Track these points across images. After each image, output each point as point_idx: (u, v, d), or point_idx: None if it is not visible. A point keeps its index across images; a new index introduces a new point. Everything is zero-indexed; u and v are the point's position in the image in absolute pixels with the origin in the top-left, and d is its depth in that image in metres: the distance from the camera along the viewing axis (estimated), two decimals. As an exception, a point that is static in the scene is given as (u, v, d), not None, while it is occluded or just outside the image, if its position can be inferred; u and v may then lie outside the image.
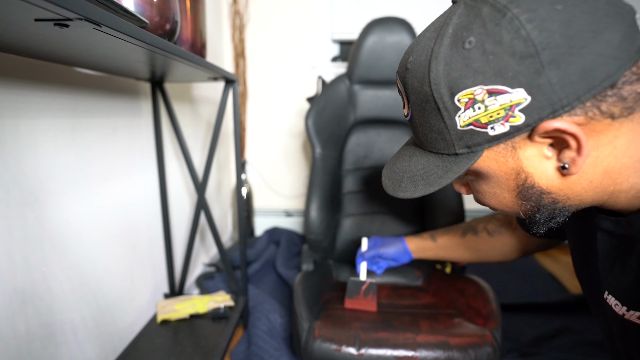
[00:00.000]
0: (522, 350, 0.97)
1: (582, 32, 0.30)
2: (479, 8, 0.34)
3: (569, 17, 0.31)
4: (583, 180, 0.36)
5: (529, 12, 0.31)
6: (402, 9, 1.70)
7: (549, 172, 0.37)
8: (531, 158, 0.36)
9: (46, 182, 0.63)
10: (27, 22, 0.33)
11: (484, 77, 0.33)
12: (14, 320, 0.56)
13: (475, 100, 0.34)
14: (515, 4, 0.32)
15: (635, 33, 0.32)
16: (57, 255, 0.65)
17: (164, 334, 0.89)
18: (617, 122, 0.33)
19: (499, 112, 0.34)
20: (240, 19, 1.69)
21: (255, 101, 1.81)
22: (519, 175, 0.38)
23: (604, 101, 0.32)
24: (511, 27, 0.32)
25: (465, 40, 0.34)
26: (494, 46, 0.32)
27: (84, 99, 0.72)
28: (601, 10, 0.31)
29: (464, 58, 0.34)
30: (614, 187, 0.36)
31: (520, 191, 0.39)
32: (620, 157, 0.34)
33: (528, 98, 0.32)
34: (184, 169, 1.24)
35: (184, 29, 0.75)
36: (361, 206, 1.15)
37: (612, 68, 0.31)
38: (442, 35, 0.36)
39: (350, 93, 1.15)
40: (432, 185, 0.41)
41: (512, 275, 1.45)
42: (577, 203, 0.38)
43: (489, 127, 0.35)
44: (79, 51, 0.50)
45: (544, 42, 0.31)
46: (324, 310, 0.87)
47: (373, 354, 0.72)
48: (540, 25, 0.31)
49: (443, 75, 0.35)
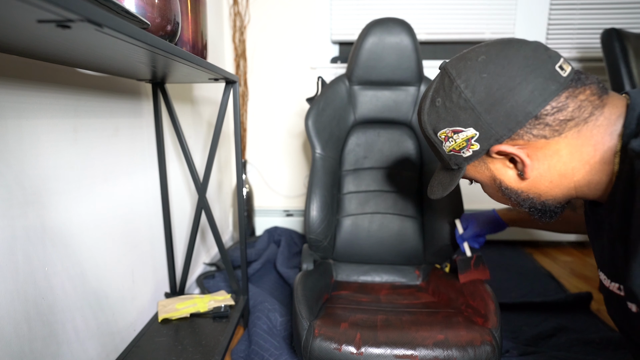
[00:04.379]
0: (521, 349, 0.97)
1: (500, 91, 0.47)
2: (444, 78, 0.53)
3: (490, 82, 0.48)
4: (544, 181, 0.50)
5: (465, 82, 0.50)
6: (401, 9, 1.70)
7: (513, 178, 0.52)
8: (498, 169, 0.53)
9: (48, 182, 0.63)
10: (29, 23, 0.34)
11: (448, 123, 0.53)
12: (16, 320, 0.57)
13: (448, 137, 0.54)
14: (458, 76, 0.51)
15: (551, 79, 0.45)
16: (59, 254, 0.66)
17: (165, 333, 0.90)
18: (552, 140, 0.47)
19: (463, 143, 0.52)
20: (240, 20, 1.69)
21: (255, 102, 1.82)
22: (495, 181, 0.54)
23: (534, 128, 0.47)
24: (457, 92, 0.50)
25: (436, 100, 0.54)
26: (450, 104, 0.52)
27: (85, 100, 0.73)
28: (515, 72, 0.46)
29: (436, 112, 0.54)
30: (574, 183, 0.48)
31: (501, 190, 0.55)
32: (568, 163, 0.47)
33: (477, 133, 0.50)
34: (185, 169, 1.24)
35: (185, 30, 0.76)
36: (361, 206, 1.15)
37: (529, 108, 0.46)
38: (426, 97, 0.57)
39: (350, 94, 1.15)
40: (446, 189, 0.59)
41: (510, 274, 1.45)
42: (551, 198, 0.51)
43: (461, 152, 0.53)
44: (81, 52, 0.51)
45: (476, 100, 0.49)
46: (324, 309, 0.88)
47: (373, 353, 0.73)
48: (472, 90, 0.49)
49: (428, 122, 0.56)
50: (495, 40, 0.51)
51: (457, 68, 0.51)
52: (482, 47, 0.51)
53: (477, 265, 0.90)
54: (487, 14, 1.68)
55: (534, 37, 1.69)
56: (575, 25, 1.69)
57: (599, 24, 1.68)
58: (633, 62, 1.31)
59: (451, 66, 0.52)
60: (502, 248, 1.76)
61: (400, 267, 1.11)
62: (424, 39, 1.72)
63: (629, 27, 1.67)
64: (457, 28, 1.70)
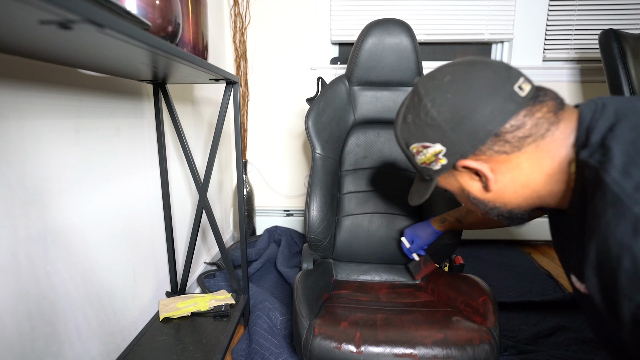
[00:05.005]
0: (520, 348, 0.97)
1: (463, 110, 0.50)
2: (414, 96, 0.56)
3: (454, 102, 0.51)
4: (508, 192, 0.53)
5: (432, 101, 0.53)
6: (401, 10, 1.70)
7: (480, 189, 0.55)
8: (466, 181, 0.56)
9: (50, 182, 0.64)
10: (31, 24, 0.34)
11: (418, 138, 0.56)
12: (18, 318, 0.57)
13: (418, 151, 0.57)
14: (425, 95, 0.54)
15: (510, 99, 0.49)
16: (60, 254, 0.66)
17: (166, 332, 0.90)
18: (513, 155, 0.50)
19: (432, 157, 0.56)
20: (241, 21, 1.70)
21: (256, 102, 1.82)
22: (464, 191, 0.58)
23: (495, 145, 0.50)
24: (424, 110, 0.54)
25: (407, 116, 0.57)
26: (419, 121, 0.55)
27: (87, 100, 0.73)
28: (476, 93, 0.50)
29: (407, 127, 0.58)
30: (537, 194, 0.52)
31: (469, 199, 0.58)
32: (529, 175, 0.50)
33: (444, 149, 0.53)
34: (186, 169, 1.25)
35: (185, 31, 0.76)
36: (360, 206, 1.16)
37: (489, 126, 0.49)
38: (399, 112, 0.60)
39: (349, 94, 1.16)
40: (422, 197, 0.64)
41: (509, 274, 1.46)
42: (517, 206, 0.55)
43: (431, 165, 0.57)
44: (83, 53, 0.51)
45: (441, 118, 0.52)
46: (324, 308, 0.88)
47: (372, 352, 0.73)
48: (438, 109, 0.52)
49: (401, 137, 0.60)
50: (461, 61, 0.54)
51: (425, 87, 0.55)
52: (449, 66, 0.54)
53: (426, 263, 1.06)
54: (486, 15, 1.69)
55: (533, 38, 1.70)
56: (573, 26, 1.70)
57: (597, 25, 1.69)
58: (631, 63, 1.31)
59: (421, 84, 0.56)
60: (501, 247, 1.76)
61: (400, 267, 1.11)
62: (424, 40, 1.73)
63: (626, 28, 1.67)
64: (456, 29, 1.70)
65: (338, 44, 1.83)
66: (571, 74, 1.72)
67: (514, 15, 1.68)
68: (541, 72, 1.72)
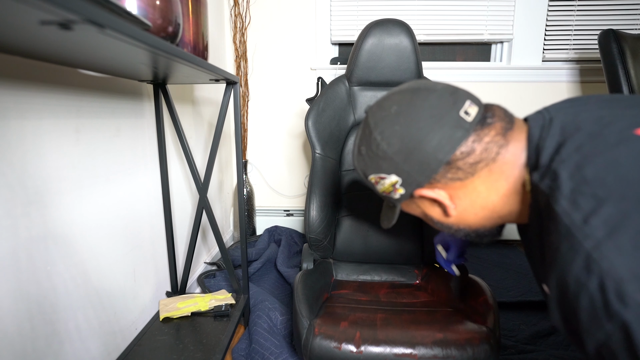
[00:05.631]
0: (519, 348, 0.97)
1: (411, 142, 0.50)
2: (365, 128, 0.56)
3: (402, 134, 0.50)
4: (470, 214, 0.54)
5: (381, 134, 0.53)
6: (401, 10, 1.70)
7: (440, 214, 0.56)
8: (427, 206, 0.57)
9: (50, 182, 0.64)
10: (31, 24, 0.34)
11: (373, 169, 0.56)
12: (19, 318, 0.58)
13: (376, 181, 0.57)
14: (375, 128, 0.54)
15: (457, 126, 0.48)
16: (61, 254, 0.66)
17: (167, 332, 0.90)
18: (467, 180, 0.50)
19: (389, 187, 0.56)
20: (241, 21, 1.70)
21: (256, 102, 1.82)
22: (427, 216, 0.58)
23: (448, 172, 0.50)
24: (375, 143, 0.54)
25: (361, 148, 0.57)
26: (371, 153, 0.55)
27: (87, 100, 0.73)
28: (423, 123, 0.49)
29: (362, 159, 0.57)
30: (497, 214, 0.52)
31: (434, 223, 0.58)
32: (487, 197, 0.51)
33: (399, 179, 0.53)
34: (186, 169, 1.25)
35: (186, 32, 0.77)
36: (360, 206, 1.16)
37: (439, 156, 0.49)
38: (355, 144, 0.60)
39: (349, 94, 1.16)
40: (390, 222, 0.63)
41: (509, 274, 1.46)
42: (481, 227, 0.55)
43: (391, 194, 0.57)
44: (83, 53, 0.51)
45: (391, 150, 0.52)
46: (324, 308, 0.88)
47: (372, 352, 0.73)
48: (388, 142, 0.52)
49: (359, 167, 0.59)
50: (407, 88, 0.53)
51: (374, 118, 0.54)
52: (395, 95, 0.54)
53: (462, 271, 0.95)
54: (485, 15, 1.69)
55: (532, 38, 1.70)
56: (572, 27, 1.70)
57: (596, 25, 1.69)
58: (630, 63, 1.31)
59: (371, 115, 0.55)
60: (501, 247, 1.76)
61: (400, 267, 1.11)
62: (423, 40, 1.73)
63: (626, 28, 1.67)
64: (456, 29, 1.71)
65: (338, 44, 1.83)
66: (571, 74, 1.72)
67: (513, 15, 1.68)
68: (541, 72, 1.72)
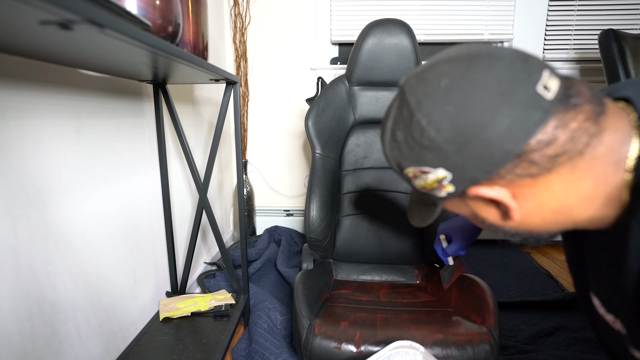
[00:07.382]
0: (519, 348, 0.97)
1: (469, 128, 0.37)
2: (402, 107, 0.42)
3: (457, 117, 0.38)
4: (535, 219, 0.42)
5: (427, 117, 0.39)
6: (401, 10, 1.70)
7: (497, 216, 0.44)
8: (479, 207, 0.44)
9: (50, 182, 0.64)
10: (31, 24, 0.34)
11: (412, 162, 0.43)
12: (19, 318, 0.57)
13: (415, 175, 0.44)
14: (418, 108, 0.40)
15: (533, 106, 0.36)
16: (61, 254, 0.66)
17: (167, 332, 0.90)
18: (541, 177, 0.38)
19: (433, 184, 0.43)
20: (241, 21, 1.70)
21: (256, 102, 1.82)
22: (477, 217, 0.46)
23: (517, 167, 0.38)
24: (418, 128, 0.40)
25: (396, 134, 0.44)
26: (412, 141, 0.42)
27: (87, 100, 0.73)
28: (486, 103, 0.37)
29: (398, 147, 0.44)
30: (571, 219, 0.41)
31: (485, 225, 0.47)
32: (562, 199, 0.40)
33: (449, 175, 0.41)
34: (186, 169, 1.25)
35: (186, 31, 0.76)
36: (360, 206, 1.16)
37: (508, 146, 0.37)
38: (385, 126, 0.46)
39: (349, 94, 1.16)
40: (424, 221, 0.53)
41: (509, 274, 1.46)
42: (545, 232, 0.44)
43: (434, 191, 0.44)
44: (83, 53, 0.51)
45: (441, 138, 0.39)
46: (324, 308, 0.88)
47: (372, 352, 0.73)
48: (436, 127, 0.39)
49: (391, 157, 0.46)
50: (459, 54, 0.40)
51: (416, 94, 0.41)
52: (444, 64, 0.40)
53: (459, 267, 0.91)
54: (486, 15, 1.69)
55: (532, 38, 1.70)
56: (573, 27, 1.70)
57: (596, 25, 1.69)
58: (630, 63, 1.31)
59: (409, 89, 0.42)
60: (501, 247, 1.76)
61: (400, 267, 1.12)
62: (423, 40, 1.73)
63: (626, 28, 1.67)
64: (456, 29, 1.71)
65: (338, 44, 1.83)
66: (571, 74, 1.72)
67: (513, 15, 1.68)
68: (541, 72, 1.72)
